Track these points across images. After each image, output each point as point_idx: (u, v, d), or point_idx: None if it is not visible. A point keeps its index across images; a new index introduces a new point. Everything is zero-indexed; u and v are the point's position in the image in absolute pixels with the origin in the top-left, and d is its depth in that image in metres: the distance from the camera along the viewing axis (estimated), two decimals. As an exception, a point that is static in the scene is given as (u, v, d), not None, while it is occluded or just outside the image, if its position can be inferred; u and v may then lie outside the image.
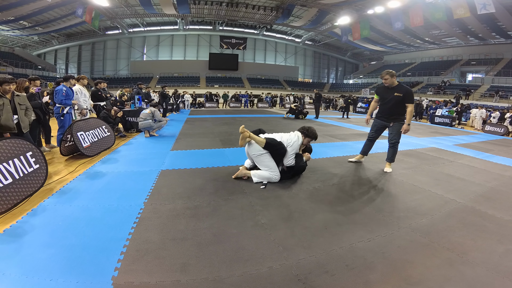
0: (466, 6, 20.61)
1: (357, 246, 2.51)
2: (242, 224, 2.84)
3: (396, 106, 4.86)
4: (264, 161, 4.11)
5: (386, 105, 5.00)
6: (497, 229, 2.97)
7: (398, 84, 4.89)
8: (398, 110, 4.87)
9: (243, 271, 2.12)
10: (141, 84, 11.26)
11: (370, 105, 5.51)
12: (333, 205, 3.44)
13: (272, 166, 4.10)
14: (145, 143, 6.96)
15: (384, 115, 5.05)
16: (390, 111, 4.94)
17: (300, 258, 2.30)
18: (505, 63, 31.03)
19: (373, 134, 5.30)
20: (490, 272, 2.22)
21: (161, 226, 2.74)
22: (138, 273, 2.04)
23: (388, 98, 4.91)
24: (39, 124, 5.35)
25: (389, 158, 5.12)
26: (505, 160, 6.62)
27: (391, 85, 4.89)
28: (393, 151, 5.06)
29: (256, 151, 4.12)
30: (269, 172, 4.09)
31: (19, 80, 5.18)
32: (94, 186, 3.83)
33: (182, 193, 3.62)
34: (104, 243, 2.42)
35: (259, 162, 4.17)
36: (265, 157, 4.11)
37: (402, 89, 4.80)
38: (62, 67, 39.59)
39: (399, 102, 4.80)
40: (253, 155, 4.16)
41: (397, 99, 4.79)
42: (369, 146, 5.43)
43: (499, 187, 4.48)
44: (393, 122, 4.94)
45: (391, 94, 4.85)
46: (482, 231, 2.92)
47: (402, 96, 4.75)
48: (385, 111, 5.03)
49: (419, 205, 3.55)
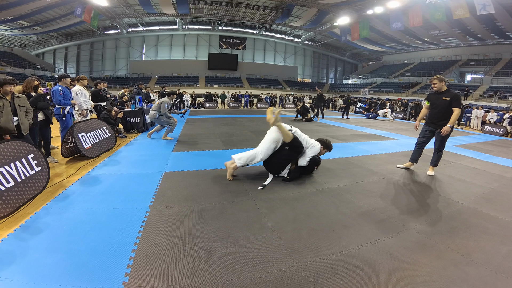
0: (465, 7, 20.66)
1: (364, 248, 2.53)
2: (249, 227, 2.84)
3: (444, 111, 4.80)
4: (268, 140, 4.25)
5: (434, 110, 4.98)
6: (499, 231, 3.01)
7: (447, 89, 4.90)
8: (447, 115, 4.78)
9: (253, 274, 2.12)
10: (141, 84, 11.21)
11: (421, 111, 5.49)
12: (338, 207, 3.44)
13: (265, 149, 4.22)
14: (146, 144, 6.94)
15: (433, 120, 5.00)
16: (439, 117, 4.89)
17: (308, 260, 2.30)
18: (504, 63, 31.16)
19: (422, 140, 5.24)
20: (493, 273, 2.25)
21: (169, 230, 2.72)
22: (149, 278, 2.03)
23: (437, 103, 4.91)
24: (48, 124, 5.29)
25: (433, 163, 5.14)
26: (505, 161, 6.66)
27: (440, 90, 4.90)
28: (438, 156, 5.07)
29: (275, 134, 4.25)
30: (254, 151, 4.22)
31: (28, 79, 5.06)
32: (97, 189, 3.81)
33: (187, 196, 3.61)
34: (111, 247, 2.40)
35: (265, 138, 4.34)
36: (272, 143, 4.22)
37: (450, 93, 4.80)
38: (61, 67, 39.52)
39: (447, 107, 4.76)
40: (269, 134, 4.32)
41: (445, 103, 4.76)
42: (418, 153, 5.35)
43: (499, 188, 4.51)
44: (440, 129, 4.85)
45: (440, 99, 4.85)
46: (485, 232, 2.96)
47: (450, 100, 4.72)
48: (434, 117, 4.99)
49: (423, 207, 3.58)
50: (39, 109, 4.98)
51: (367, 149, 7.12)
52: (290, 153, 4.29)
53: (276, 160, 4.30)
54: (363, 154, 6.56)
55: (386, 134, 10.30)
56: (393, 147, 7.71)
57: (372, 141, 8.54)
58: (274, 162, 4.32)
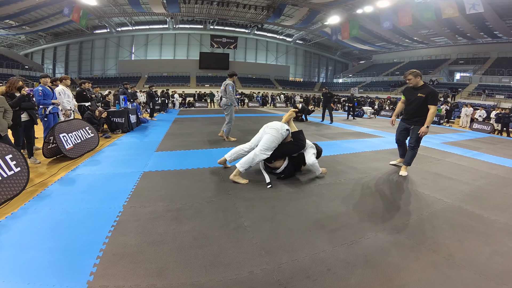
0: (455, 6, 20.89)
1: (340, 249, 2.44)
2: (225, 227, 2.76)
3: (418, 107, 4.63)
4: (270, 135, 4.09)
5: (409, 106, 4.83)
6: (484, 230, 2.93)
7: (424, 84, 4.68)
8: (421, 112, 4.61)
9: (223, 275, 2.05)
10: (127, 83, 11.04)
11: (397, 106, 5.30)
12: (318, 206, 3.36)
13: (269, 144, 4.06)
14: (130, 144, 6.82)
15: (408, 116, 4.86)
16: (413, 113, 4.73)
17: (282, 262, 2.22)
18: (492, 62, 31.59)
19: (398, 137, 5.12)
20: (476, 275, 2.16)
21: (140, 229, 2.65)
22: (113, 278, 2.00)
23: (412, 99, 4.73)
24: (33, 125, 5.22)
25: (406, 162, 4.93)
26: (493, 158, 6.67)
27: (416, 86, 4.70)
28: (412, 154, 4.85)
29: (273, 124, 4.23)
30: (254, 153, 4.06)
31: (12, 80, 4.94)
32: (75, 189, 3.74)
33: (164, 195, 3.52)
34: (82, 246, 2.38)
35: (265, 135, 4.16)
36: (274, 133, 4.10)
37: (426, 89, 4.58)
38: (50, 67, 38.83)
39: (421, 103, 4.58)
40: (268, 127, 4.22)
41: (420, 100, 4.58)
42: (402, 149, 5.21)
43: (486, 186, 4.47)
44: (414, 125, 4.73)
45: (415, 95, 4.66)
46: (469, 231, 2.88)
47: (425, 97, 4.53)
48: (408, 113, 4.84)
49: (405, 205, 3.50)
50: (23, 109, 4.90)
51: (354, 147, 7.09)
52: (293, 146, 4.30)
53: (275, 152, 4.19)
54: (349, 152, 6.51)
55: (373, 132, 10.31)
56: (380, 144, 7.69)
57: (359, 139, 8.51)
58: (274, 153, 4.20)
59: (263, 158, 4.09)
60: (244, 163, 4.02)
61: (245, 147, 4.42)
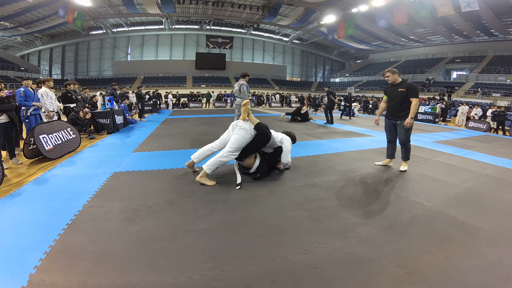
0: (450, 4, 20.77)
1: (291, 259, 2.24)
2: (177, 229, 2.67)
3: (402, 102, 4.82)
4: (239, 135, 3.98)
5: (392, 102, 5.02)
6: (464, 239, 2.62)
7: (402, 80, 4.96)
8: (405, 106, 4.80)
9: (157, 278, 1.97)
10: (115, 84, 10.98)
11: (380, 106, 5.48)
12: (284, 210, 3.20)
13: (237, 145, 3.95)
14: (111, 145, 6.74)
15: (392, 113, 5.01)
16: (397, 108, 4.90)
17: (225, 269, 2.09)
18: (488, 60, 31.47)
19: (388, 135, 5.23)
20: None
21: (90, 229, 2.66)
22: (52, 273, 2.03)
23: (394, 95, 4.94)
24: (13, 126, 5.18)
25: (403, 157, 5.07)
26: (486, 157, 6.40)
27: (395, 82, 4.97)
28: (406, 150, 5.00)
29: (242, 124, 4.09)
30: (222, 154, 3.94)
31: None
32: (46, 189, 3.75)
33: (124, 196, 3.45)
34: (34, 243, 2.40)
35: (233, 135, 4.04)
36: (243, 134, 3.98)
37: (405, 84, 4.86)
38: (46, 68, 38.78)
39: (404, 98, 4.78)
40: (237, 126, 4.09)
41: (402, 94, 4.79)
42: (392, 149, 5.26)
43: (475, 187, 4.20)
44: (400, 120, 4.87)
45: (396, 91, 4.88)
46: (446, 241, 2.56)
47: (406, 91, 4.75)
48: (393, 109, 5.00)
49: (377, 211, 3.22)
50: (1, 111, 4.89)
51: (339, 147, 6.98)
52: (260, 142, 4.14)
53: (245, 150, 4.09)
54: (333, 151, 6.41)
55: (363, 131, 10.15)
56: (367, 144, 7.58)
57: (347, 138, 8.40)
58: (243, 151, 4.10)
59: (231, 159, 3.99)
60: (211, 165, 3.90)
61: (213, 147, 4.32)
